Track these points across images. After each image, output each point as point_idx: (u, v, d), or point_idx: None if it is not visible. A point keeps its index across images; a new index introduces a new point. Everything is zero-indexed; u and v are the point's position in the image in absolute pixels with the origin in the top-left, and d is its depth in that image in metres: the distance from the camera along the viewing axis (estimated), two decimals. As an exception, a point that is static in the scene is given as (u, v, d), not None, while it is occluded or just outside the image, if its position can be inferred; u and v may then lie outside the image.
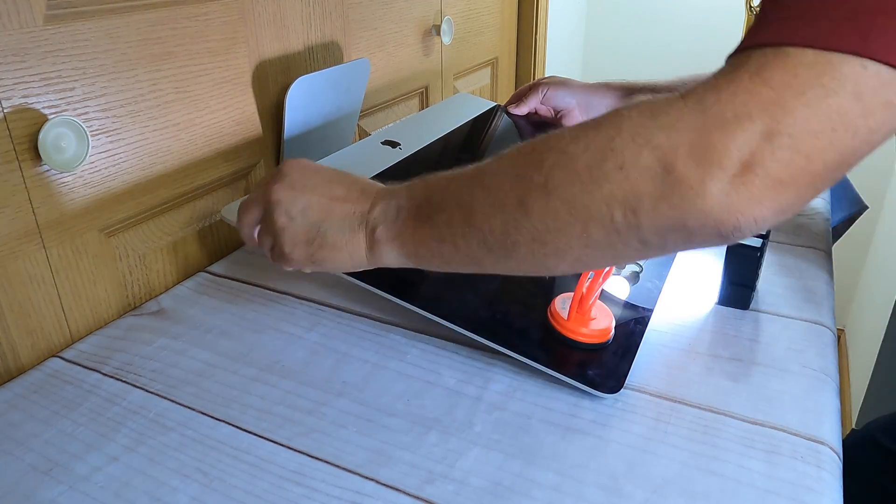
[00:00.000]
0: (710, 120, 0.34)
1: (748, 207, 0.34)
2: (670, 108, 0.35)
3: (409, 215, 0.46)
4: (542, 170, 0.39)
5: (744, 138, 0.33)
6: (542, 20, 1.53)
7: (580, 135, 0.38)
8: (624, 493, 0.42)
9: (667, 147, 0.35)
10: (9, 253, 0.52)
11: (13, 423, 0.49)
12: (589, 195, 0.37)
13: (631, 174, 0.36)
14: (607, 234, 0.38)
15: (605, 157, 0.36)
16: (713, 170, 0.34)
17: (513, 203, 0.40)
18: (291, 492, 0.42)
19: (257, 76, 0.74)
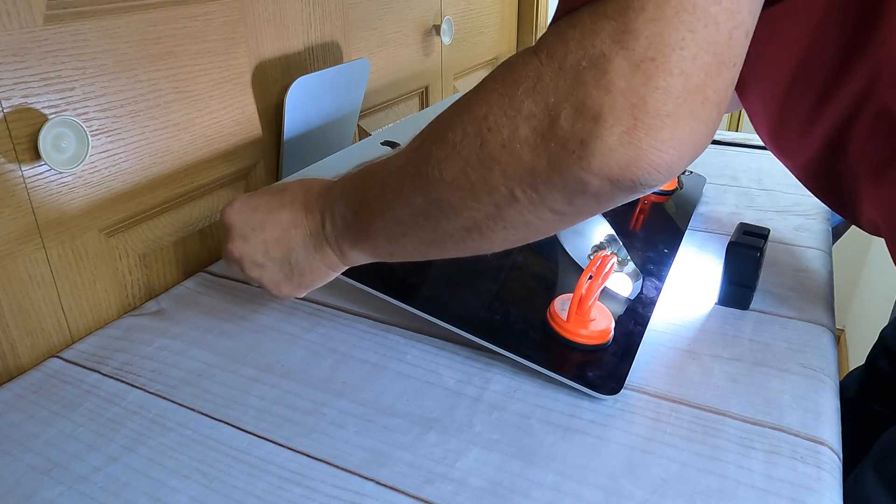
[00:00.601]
0: (568, 74, 0.32)
1: (644, 155, 0.31)
2: (528, 69, 0.34)
3: (355, 221, 0.47)
4: (433, 164, 0.38)
5: (607, 83, 0.31)
6: (542, 20, 1.53)
7: (455, 119, 0.37)
8: (624, 493, 0.42)
9: (539, 114, 0.33)
10: (8, 253, 0.52)
11: (13, 423, 0.49)
12: (484, 180, 0.36)
13: (514, 150, 0.34)
14: (519, 212, 0.37)
15: (484, 139, 0.35)
16: (590, 127, 0.31)
17: (423, 203, 0.40)
18: (291, 492, 0.42)
19: (257, 76, 0.74)
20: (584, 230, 0.70)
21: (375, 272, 0.59)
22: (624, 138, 0.31)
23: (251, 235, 0.51)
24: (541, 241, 0.68)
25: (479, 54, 1.32)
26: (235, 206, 0.53)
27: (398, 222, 0.43)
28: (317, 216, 0.49)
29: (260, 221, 0.51)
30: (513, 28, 1.48)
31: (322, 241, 0.50)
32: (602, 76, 0.31)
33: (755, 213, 0.81)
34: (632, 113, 0.31)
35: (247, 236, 0.51)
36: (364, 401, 0.50)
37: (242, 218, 0.52)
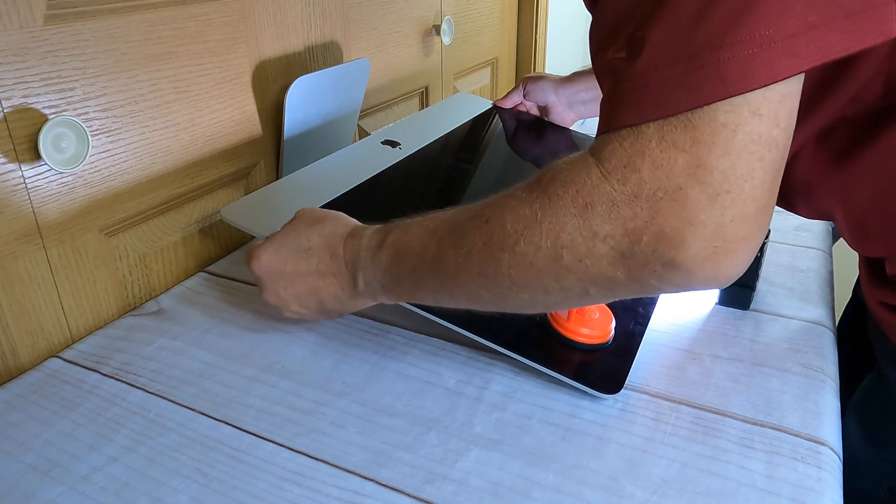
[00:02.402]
0: (645, 204, 0.34)
1: (723, 272, 0.35)
2: (600, 194, 0.36)
3: (395, 286, 0.49)
4: (502, 269, 0.40)
5: (687, 215, 0.33)
6: (542, 20, 1.53)
7: (524, 231, 0.39)
8: (624, 493, 0.42)
9: (618, 236, 0.35)
10: (9, 253, 0.52)
11: (13, 423, 0.49)
12: (558, 283, 0.39)
13: (593, 264, 0.37)
14: (587, 300, 0.40)
15: (559, 254, 0.37)
16: (672, 254, 0.34)
17: (488, 296, 0.43)
18: (291, 492, 0.42)
19: (257, 76, 0.74)
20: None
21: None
22: (705, 263, 0.34)
23: (282, 291, 0.53)
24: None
25: (479, 54, 1.32)
26: (263, 261, 0.53)
27: (452, 299, 0.46)
28: (348, 279, 0.51)
29: (289, 280, 0.53)
30: (513, 28, 1.48)
31: (356, 294, 0.52)
32: (681, 208, 0.34)
33: (755, 214, 0.81)
34: (712, 242, 0.34)
35: (278, 291, 0.53)
36: (364, 401, 0.50)
37: (271, 276, 0.53)
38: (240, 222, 0.64)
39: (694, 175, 0.33)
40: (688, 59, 0.33)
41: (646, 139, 0.34)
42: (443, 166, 0.82)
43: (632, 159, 0.35)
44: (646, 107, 0.34)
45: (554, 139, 0.93)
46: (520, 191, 0.40)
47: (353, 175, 0.74)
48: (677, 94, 0.33)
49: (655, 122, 0.34)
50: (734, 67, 0.32)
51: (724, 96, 0.32)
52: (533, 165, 0.86)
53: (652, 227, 0.34)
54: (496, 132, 0.93)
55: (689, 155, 0.33)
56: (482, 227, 0.41)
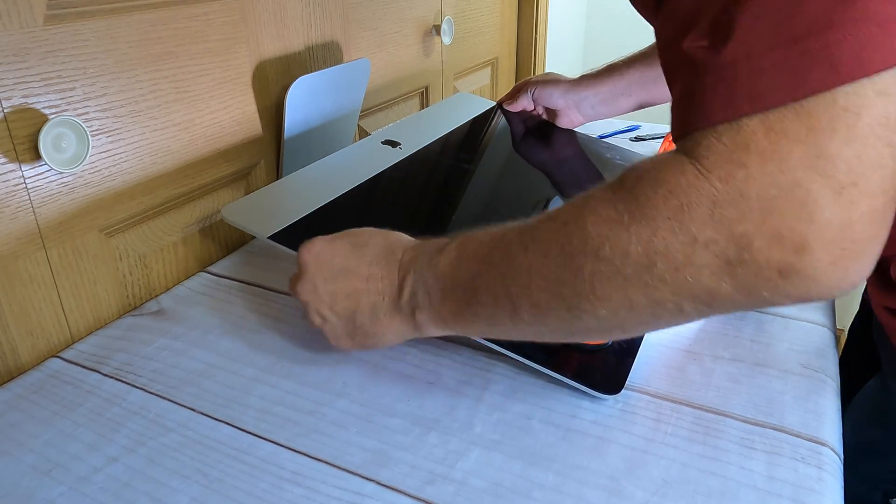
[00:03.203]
0: (755, 203, 0.30)
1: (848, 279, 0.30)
2: (698, 194, 0.31)
3: (444, 299, 0.44)
4: (584, 280, 0.36)
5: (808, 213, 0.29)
6: (542, 20, 1.53)
7: (609, 235, 0.34)
8: (625, 493, 0.42)
9: (724, 241, 0.31)
10: (9, 253, 0.52)
11: (13, 423, 0.49)
12: (648, 297, 0.34)
13: (692, 274, 0.32)
14: (677, 319, 0.36)
15: (652, 262, 0.33)
16: (791, 259, 0.30)
17: (561, 307, 0.38)
18: (291, 492, 0.42)
19: (257, 76, 0.74)
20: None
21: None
22: (830, 268, 0.30)
23: (321, 285, 0.49)
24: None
25: (480, 54, 1.32)
26: (315, 248, 0.50)
27: (514, 316, 0.40)
28: (395, 284, 0.47)
29: (334, 274, 0.48)
30: (513, 28, 1.48)
31: (395, 308, 0.47)
32: (801, 207, 0.29)
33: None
34: (838, 244, 0.29)
35: (317, 285, 0.49)
36: (364, 401, 0.50)
37: (317, 264, 0.49)
38: (240, 222, 0.64)
39: (814, 167, 0.28)
40: (788, 44, 0.29)
41: (749, 131, 0.30)
42: (443, 166, 0.82)
43: (735, 154, 0.30)
44: (739, 101, 0.30)
45: (558, 140, 0.93)
46: (600, 191, 0.36)
47: (354, 175, 0.74)
48: (778, 84, 0.29)
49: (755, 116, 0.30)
50: (849, 50, 0.28)
51: (834, 85, 0.28)
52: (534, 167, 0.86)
53: (765, 230, 0.30)
54: (497, 132, 0.93)
55: (806, 145, 0.29)
56: (559, 230, 0.37)
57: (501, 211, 0.73)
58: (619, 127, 1.16)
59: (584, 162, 0.88)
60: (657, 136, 1.11)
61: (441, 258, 0.44)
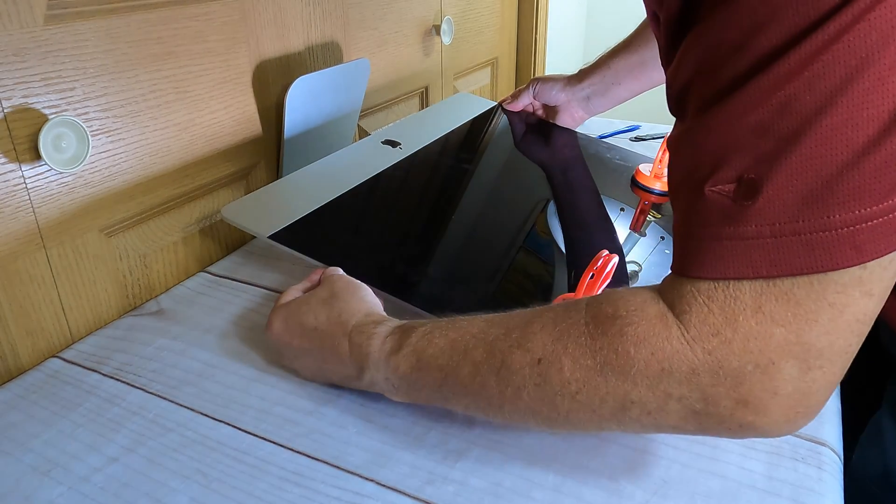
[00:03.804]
0: (730, 374, 0.33)
1: (793, 429, 0.34)
2: (680, 359, 0.33)
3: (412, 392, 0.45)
4: (558, 412, 0.38)
5: (774, 388, 0.32)
6: (542, 20, 1.53)
7: (587, 382, 0.36)
8: (624, 493, 0.42)
9: (694, 398, 0.34)
10: (9, 253, 0.52)
11: (13, 423, 0.49)
12: (619, 427, 0.38)
13: (661, 418, 0.36)
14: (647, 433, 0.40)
15: (625, 407, 0.36)
16: (751, 419, 0.33)
17: (534, 424, 0.41)
18: (291, 493, 0.42)
19: (257, 76, 0.74)
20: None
21: (377, 270, 0.59)
22: (784, 425, 0.33)
23: (292, 362, 0.52)
24: (539, 241, 0.68)
25: (479, 54, 1.32)
26: (274, 328, 0.51)
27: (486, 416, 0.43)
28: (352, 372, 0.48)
29: (297, 354, 0.51)
30: (513, 28, 1.48)
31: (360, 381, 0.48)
32: (769, 381, 0.32)
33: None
34: (794, 409, 0.33)
35: (289, 360, 0.53)
36: (364, 401, 0.50)
37: (281, 344, 0.51)
38: (240, 222, 0.64)
39: (790, 352, 0.32)
40: (815, 218, 0.30)
41: (739, 306, 0.32)
42: (443, 166, 0.82)
43: (722, 329, 0.32)
44: (757, 262, 0.31)
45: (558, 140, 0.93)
46: (576, 329, 0.37)
47: (354, 175, 0.74)
48: (797, 255, 0.30)
49: (753, 286, 0.32)
50: (867, 234, 0.29)
51: (852, 264, 0.30)
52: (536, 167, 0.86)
53: (734, 395, 0.33)
54: (497, 132, 0.93)
55: (787, 331, 0.31)
56: (533, 367, 0.38)
57: (501, 211, 0.73)
58: (619, 127, 1.16)
59: (584, 162, 0.88)
60: (657, 136, 1.11)
61: (399, 360, 0.44)
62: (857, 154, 0.29)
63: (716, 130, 0.33)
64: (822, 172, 0.29)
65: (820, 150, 0.29)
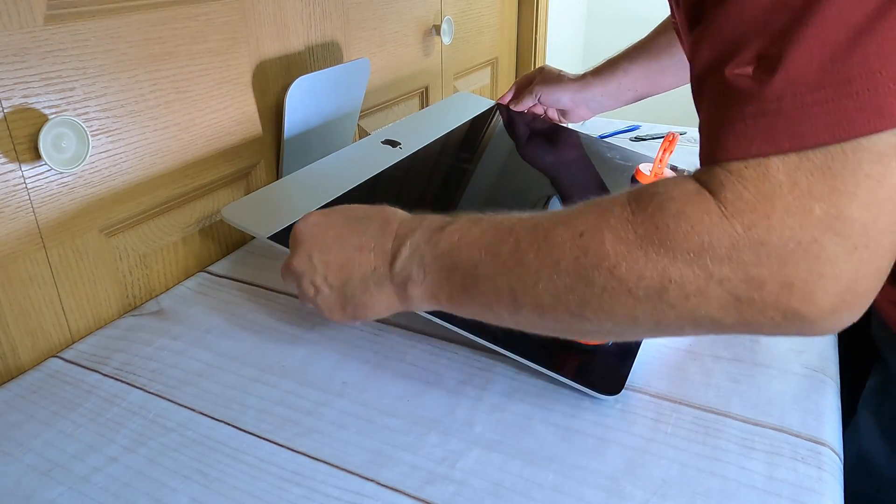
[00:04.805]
0: (773, 251, 0.31)
1: (842, 323, 0.33)
2: (720, 234, 0.32)
3: (441, 279, 0.44)
4: (594, 290, 0.37)
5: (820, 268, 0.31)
6: (542, 20, 1.53)
7: (627, 256, 0.35)
8: (624, 493, 0.42)
9: (737, 280, 0.33)
10: (9, 253, 0.52)
11: (13, 423, 0.49)
12: (652, 317, 0.36)
13: (701, 304, 0.34)
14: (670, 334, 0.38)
15: (664, 288, 0.34)
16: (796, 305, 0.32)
17: (565, 313, 0.39)
18: (291, 492, 0.42)
19: (257, 76, 0.74)
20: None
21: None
22: (829, 316, 0.32)
23: (315, 255, 0.49)
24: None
25: (479, 54, 1.32)
26: (310, 220, 0.50)
27: (514, 311, 0.41)
28: (388, 254, 0.47)
29: (328, 244, 0.49)
30: (513, 28, 1.48)
31: (385, 278, 0.47)
32: (815, 261, 0.31)
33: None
34: (842, 296, 0.31)
35: (312, 255, 0.49)
36: (364, 401, 0.50)
37: (312, 235, 0.50)
38: (240, 222, 0.64)
39: (832, 227, 0.30)
40: (837, 85, 0.29)
41: (775, 183, 0.31)
42: (443, 166, 0.82)
43: (759, 205, 0.32)
44: (780, 136, 0.31)
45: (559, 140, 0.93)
46: (619, 207, 0.36)
47: (354, 175, 0.74)
48: (821, 123, 0.30)
49: (785, 161, 0.31)
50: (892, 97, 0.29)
51: (879, 129, 0.29)
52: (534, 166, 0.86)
53: (779, 277, 0.31)
54: (497, 132, 0.93)
55: (828, 205, 0.30)
56: (575, 240, 0.37)
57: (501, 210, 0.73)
58: (619, 127, 1.16)
59: (584, 162, 0.88)
60: (657, 136, 1.11)
61: (442, 237, 0.44)
62: (873, 17, 0.29)
63: (733, 14, 0.33)
64: (837, 39, 0.29)
65: (834, 16, 0.29)
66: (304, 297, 0.51)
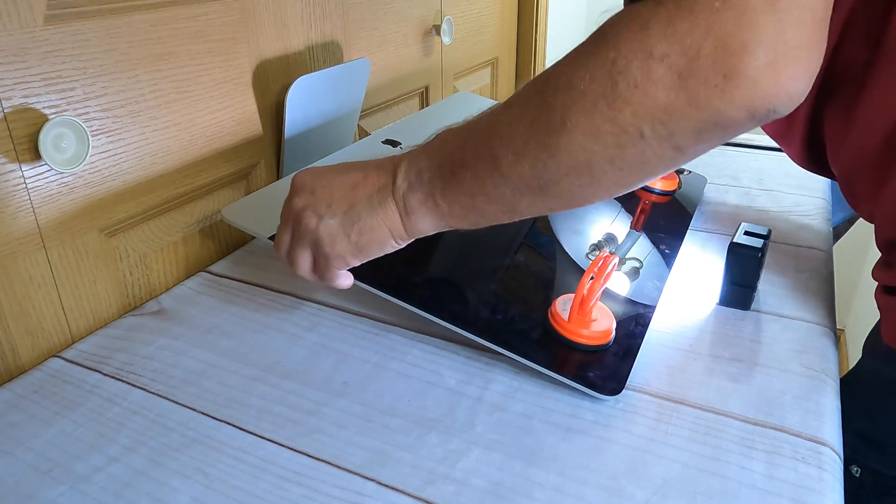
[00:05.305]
0: (702, 15, 0.33)
1: (783, 85, 0.34)
2: (656, 15, 0.35)
3: (434, 175, 0.46)
4: (556, 111, 0.39)
5: (748, 20, 0.33)
6: (542, 20, 1.53)
7: (578, 64, 0.38)
8: (625, 493, 0.42)
9: (675, 55, 0.34)
10: (9, 253, 0.52)
11: (13, 423, 0.49)
12: (611, 122, 0.37)
13: (649, 90, 0.35)
14: (640, 152, 0.38)
15: (614, 81, 0.36)
16: (733, 62, 0.33)
17: (536, 147, 0.40)
18: (292, 492, 0.42)
19: (258, 76, 0.74)
20: (582, 229, 0.70)
21: (376, 271, 0.59)
22: (766, 71, 0.33)
23: (318, 189, 0.50)
24: (540, 241, 0.68)
25: (479, 54, 1.32)
26: (308, 169, 0.52)
27: (494, 171, 0.43)
28: (388, 172, 0.48)
29: (330, 180, 0.50)
30: (513, 28, 1.48)
31: (388, 195, 0.48)
32: (740, 15, 0.33)
33: (756, 214, 0.81)
34: (774, 46, 0.33)
35: (314, 190, 0.50)
36: (365, 401, 0.50)
37: (314, 175, 0.51)
38: (241, 222, 0.64)
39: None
40: None
41: None
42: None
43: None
44: None
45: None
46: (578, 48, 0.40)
47: (354, 175, 0.74)
48: None
49: None
50: None
51: None
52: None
53: (710, 38, 0.33)
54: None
55: None
56: (538, 80, 0.41)
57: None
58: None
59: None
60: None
61: (433, 141, 0.47)
62: None
63: None
64: None
65: None
66: (306, 234, 0.51)
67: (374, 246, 0.50)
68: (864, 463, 0.62)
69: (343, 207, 0.49)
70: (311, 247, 0.52)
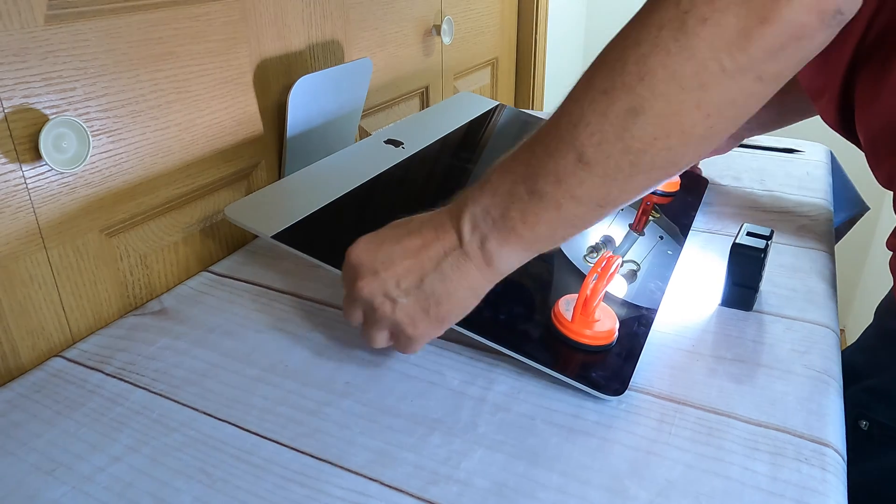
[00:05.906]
0: None
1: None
2: None
3: (507, 206, 0.43)
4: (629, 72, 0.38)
5: None
6: (542, 20, 1.53)
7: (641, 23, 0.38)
8: (628, 494, 0.42)
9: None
10: (9, 253, 0.52)
11: (16, 422, 0.49)
12: (689, 61, 0.37)
13: (719, 20, 0.35)
14: (725, 90, 0.37)
15: (683, 21, 0.36)
16: None
17: (618, 115, 0.39)
18: (295, 493, 0.42)
19: (258, 76, 0.74)
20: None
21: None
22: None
23: (381, 270, 0.47)
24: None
25: (480, 54, 1.32)
26: (360, 245, 0.48)
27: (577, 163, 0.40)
28: (451, 231, 0.45)
29: (388, 255, 0.47)
30: (513, 28, 1.48)
31: (461, 256, 0.45)
32: None
33: (758, 214, 0.81)
34: None
35: (377, 271, 0.47)
36: (368, 401, 0.50)
37: (369, 255, 0.47)
38: (243, 221, 0.64)
39: None
40: None
41: None
42: (446, 166, 0.82)
43: None
44: None
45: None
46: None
47: (356, 174, 0.74)
48: None
49: None
50: None
51: None
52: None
53: None
54: (499, 131, 0.93)
55: None
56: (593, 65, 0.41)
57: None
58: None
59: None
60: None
61: (488, 178, 0.44)
62: None
63: None
64: None
65: None
66: (382, 319, 0.48)
67: (457, 311, 0.48)
68: (873, 417, 0.64)
69: (413, 282, 0.46)
70: (390, 329, 0.49)
